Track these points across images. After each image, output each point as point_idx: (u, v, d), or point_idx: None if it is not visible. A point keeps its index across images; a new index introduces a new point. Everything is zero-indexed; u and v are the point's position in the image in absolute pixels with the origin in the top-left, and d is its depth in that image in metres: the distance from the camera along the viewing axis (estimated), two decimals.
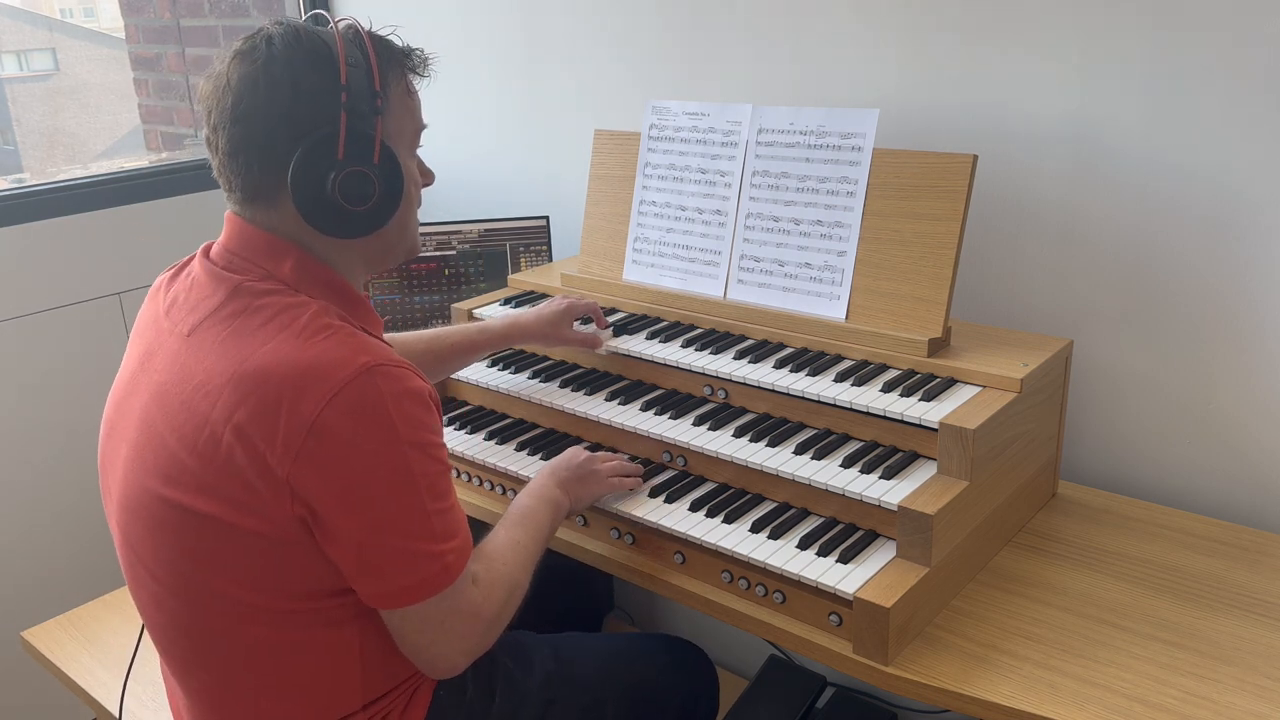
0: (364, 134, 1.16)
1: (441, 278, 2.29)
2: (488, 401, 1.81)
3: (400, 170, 1.20)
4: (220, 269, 1.19)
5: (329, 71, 1.14)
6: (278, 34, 1.16)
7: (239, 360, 1.09)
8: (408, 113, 1.25)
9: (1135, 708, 1.15)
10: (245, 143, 1.15)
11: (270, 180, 1.16)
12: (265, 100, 1.13)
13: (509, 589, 1.24)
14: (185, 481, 1.11)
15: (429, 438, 1.13)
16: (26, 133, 3.24)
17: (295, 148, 1.13)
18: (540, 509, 1.38)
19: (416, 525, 1.11)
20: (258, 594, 1.13)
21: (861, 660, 1.24)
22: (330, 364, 1.08)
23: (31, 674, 2.20)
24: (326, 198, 1.15)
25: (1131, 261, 1.60)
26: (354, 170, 1.15)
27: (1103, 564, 1.43)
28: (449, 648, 1.18)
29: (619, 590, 2.39)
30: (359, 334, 1.14)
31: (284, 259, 1.18)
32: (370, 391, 1.07)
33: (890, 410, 1.40)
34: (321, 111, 1.14)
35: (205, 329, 1.15)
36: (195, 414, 1.10)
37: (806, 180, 1.63)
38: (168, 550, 1.15)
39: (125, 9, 3.05)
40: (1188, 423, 1.61)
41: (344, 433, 1.06)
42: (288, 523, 1.09)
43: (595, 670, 1.45)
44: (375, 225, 1.20)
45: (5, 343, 2.22)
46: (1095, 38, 1.55)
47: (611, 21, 2.13)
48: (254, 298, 1.15)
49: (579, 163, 2.14)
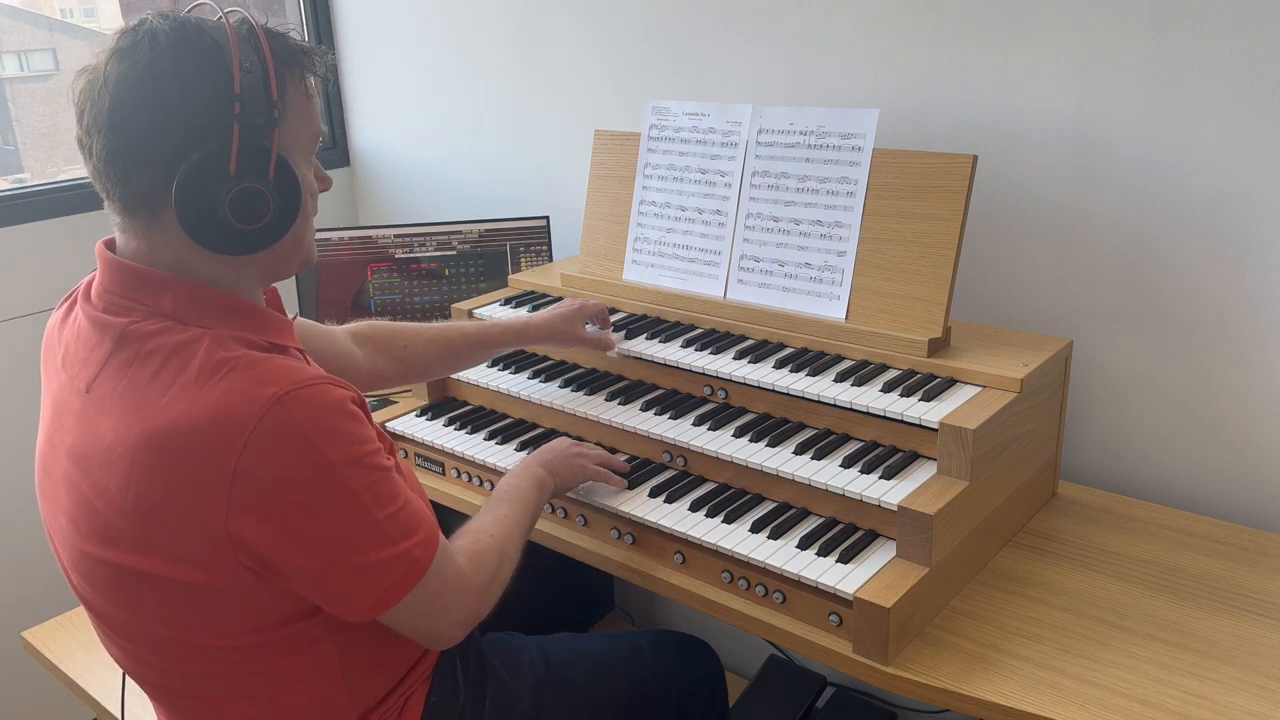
0: (258, 147, 1.07)
1: (441, 278, 2.29)
2: (488, 401, 1.81)
3: (297, 184, 1.11)
4: (101, 314, 1.11)
5: (220, 77, 1.04)
6: (163, 30, 1.05)
7: (143, 419, 1.03)
8: (305, 119, 1.14)
9: (1135, 708, 1.15)
10: (124, 151, 1.05)
11: (152, 192, 1.07)
12: (148, 107, 1.03)
13: (498, 557, 1.24)
14: (122, 543, 1.06)
15: (360, 450, 1.07)
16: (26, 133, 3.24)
17: (180, 160, 1.04)
18: (525, 486, 1.38)
19: (370, 538, 1.07)
20: (220, 638, 1.10)
21: (861, 660, 1.24)
22: (236, 406, 1.01)
23: (31, 674, 2.20)
24: (216, 216, 1.05)
25: (1131, 261, 1.60)
26: (247, 187, 1.06)
27: (1103, 564, 1.43)
28: (445, 623, 1.17)
29: (619, 590, 2.39)
30: (260, 360, 1.06)
31: (163, 293, 1.09)
32: (285, 424, 1.01)
33: (890, 410, 1.40)
34: (211, 122, 1.04)
35: (101, 384, 1.08)
36: (116, 476, 1.05)
37: (806, 180, 1.63)
38: (120, 610, 1.12)
39: (125, 9, 3.05)
40: (1188, 423, 1.61)
41: (270, 473, 1.01)
42: (234, 571, 1.05)
43: (587, 672, 1.44)
44: (269, 242, 1.11)
45: (6, 342, 2.22)
46: (1095, 38, 1.55)
47: (612, 22, 2.13)
48: (142, 342, 1.07)
49: (579, 163, 2.14)
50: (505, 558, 1.26)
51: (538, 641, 1.46)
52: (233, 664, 1.12)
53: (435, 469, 1.73)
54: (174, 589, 1.06)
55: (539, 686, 1.38)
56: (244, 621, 1.10)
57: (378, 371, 1.58)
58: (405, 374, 1.62)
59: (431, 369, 1.67)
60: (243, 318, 1.12)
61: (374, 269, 2.28)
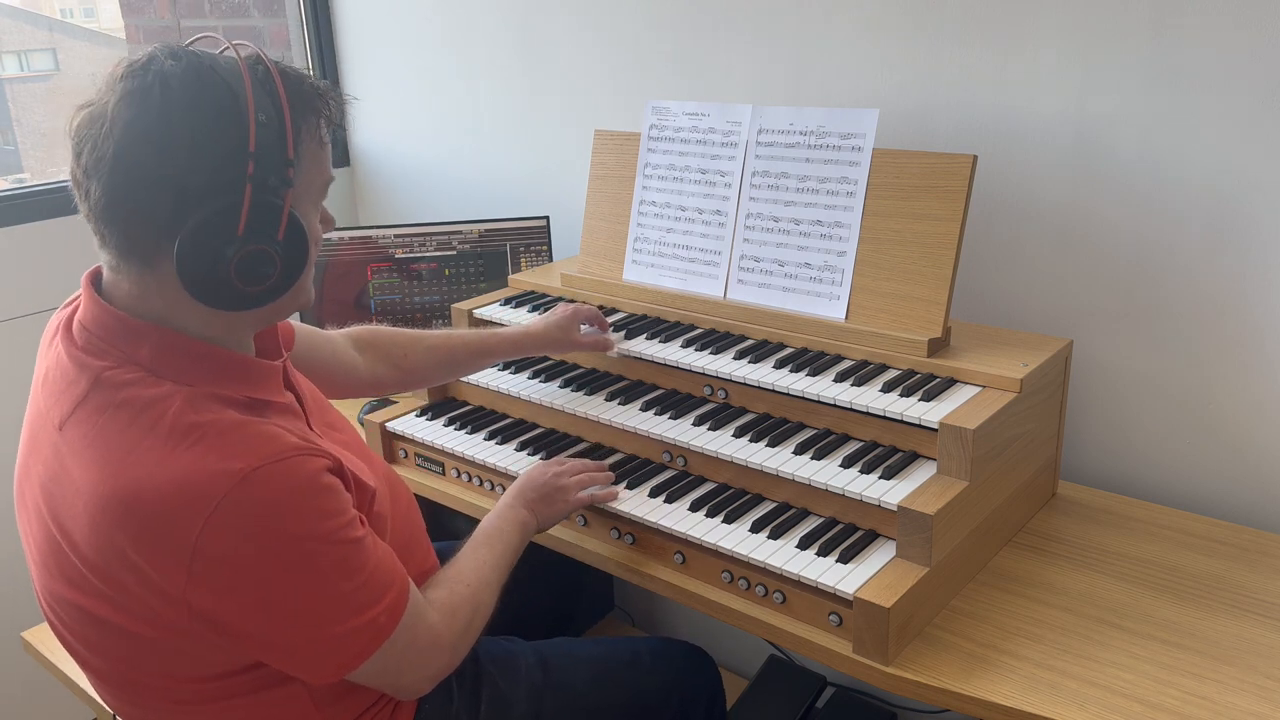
0: (270, 206, 1.03)
1: (441, 278, 2.29)
2: (488, 401, 1.81)
3: (306, 242, 1.08)
4: (80, 352, 1.07)
5: (236, 133, 1.00)
6: (175, 74, 0.99)
7: (109, 476, 1.00)
8: (318, 167, 1.11)
9: (1135, 708, 1.15)
10: (125, 199, 1.00)
11: (150, 243, 1.02)
12: (156, 157, 0.98)
13: (471, 609, 1.23)
14: (85, 586, 1.05)
15: (328, 525, 1.04)
16: (26, 133, 3.24)
17: (186, 217, 0.99)
18: (508, 530, 1.36)
19: (335, 611, 1.05)
20: (186, 682, 1.10)
21: (861, 660, 1.24)
22: (201, 480, 0.97)
23: (31, 674, 2.20)
24: (219, 276, 1.02)
25: (1131, 261, 1.60)
26: (254, 249, 1.02)
27: (1103, 564, 1.43)
28: (413, 678, 1.16)
29: (619, 590, 2.39)
30: (232, 429, 1.02)
31: (141, 343, 1.05)
32: (251, 503, 0.98)
33: (890, 410, 1.40)
34: (222, 180, 1.00)
35: (73, 425, 1.05)
36: (79, 523, 1.02)
37: (806, 180, 1.63)
38: (87, 647, 1.12)
39: (125, 9, 3.05)
40: (1188, 423, 1.61)
41: (230, 552, 0.98)
42: (191, 632, 1.03)
43: (584, 679, 1.43)
44: (271, 300, 1.08)
45: (5, 343, 2.22)
46: (1095, 38, 1.55)
47: (612, 21, 2.13)
48: (115, 390, 1.03)
49: (579, 163, 2.14)
50: (480, 607, 1.25)
51: (535, 647, 1.46)
52: (200, 704, 1.12)
53: (435, 469, 1.73)
54: (135, 638, 1.06)
55: (536, 692, 1.37)
56: (207, 669, 1.09)
57: (378, 378, 1.58)
58: (405, 381, 1.62)
59: (431, 377, 1.67)
60: (222, 373, 1.08)
61: (374, 269, 2.28)
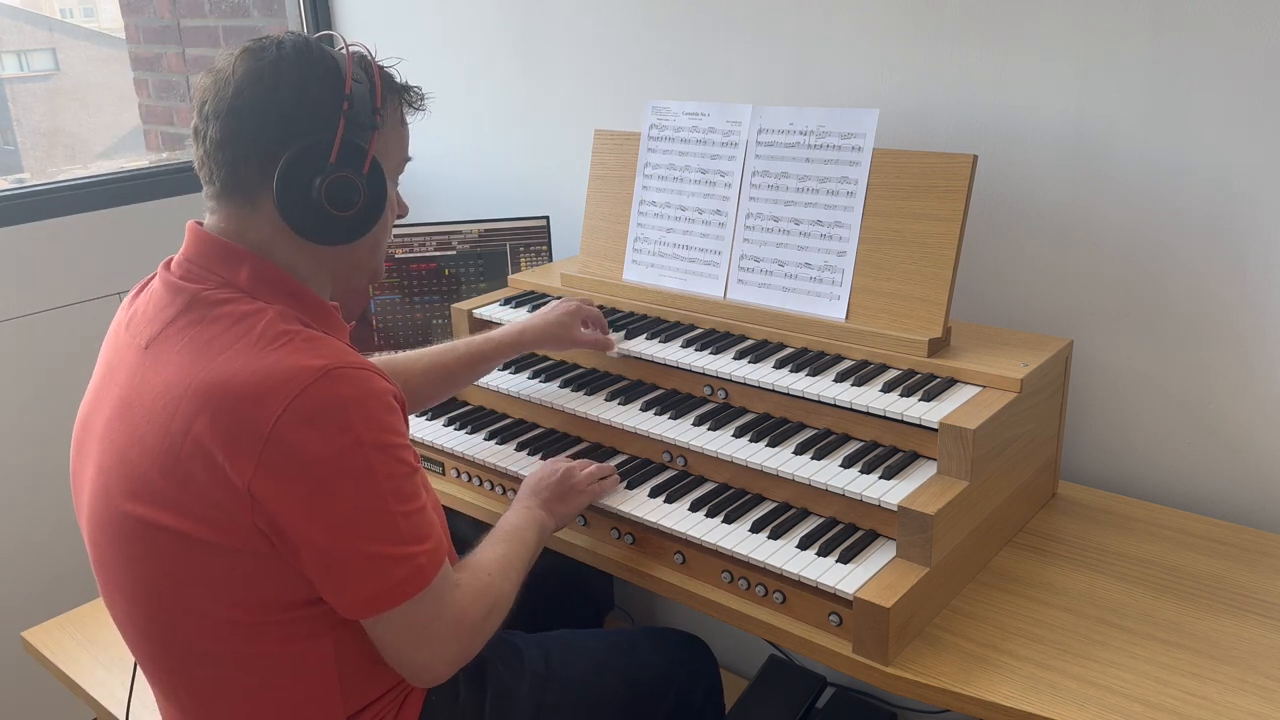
0: (358, 145, 1.18)
1: (441, 278, 2.29)
2: (488, 401, 1.81)
3: (385, 186, 1.21)
4: (178, 279, 1.18)
5: (334, 81, 1.16)
6: (289, 41, 1.18)
7: (195, 371, 1.09)
8: (398, 140, 1.27)
9: (1135, 708, 1.15)
10: (237, 135, 1.14)
11: (253, 177, 1.16)
12: (267, 97, 1.14)
13: (494, 599, 1.24)
14: (150, 496, 1.10)
15: (392, 439, 1.11)
16: (26, 133, 3.24)
17: (288, 146, 1.14)
18: (526, 528, 1.37)
19: (382, 529, 1.09)
20: (226, 608, 1.12)
21: (861, 660, 1.24)
22: (286, 371, 1.06)
23: (31, 674, 2.20)
24: (311, 199, 1.15)
25: (1131, 261, 1.60)
26: (343, 176, 1.16)
27: (1103, 564, 1.43)
28: (433, 654, 1.16)
29: (619, 590, 2.39)
30: (318, 338, 1.13)
31: (240, 266, 1.17)
32: (328, 396, 1.06)
33: (890, 410, 1.40)
34: (321, 117, 1.15)
35: (162, 340, 1.14)
36: (155, 426, 1.10)
37: (806, 180, 1.63)
38: (137, 567, 1.14)
39: (125, 9, 3.05)
40: (1188, 423, 1.61)
41: (303, 440, 1.05)
42: (250, 535, 1.08)
43: (587, 670, 1.44)
44: (351, 235, 1.20)
45: (5, 343, 2.22)
46: (1095, 38, 1.55)
47: (612, 21, 2.13)
48: (210, 307, 1.14)
49: (579, 163, 2.14)
50: (500, 599, 1.25)
51: (538, 639, 1.47)
52: (237, 639, 1.13)
53: (435, 469, 1.73)
54: (187, 546, 1.10)
55: (539, 683, 1.39)
56: (247, 593, 1.12)
57: None
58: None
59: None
60: (309, 307, 1.20)
61: None
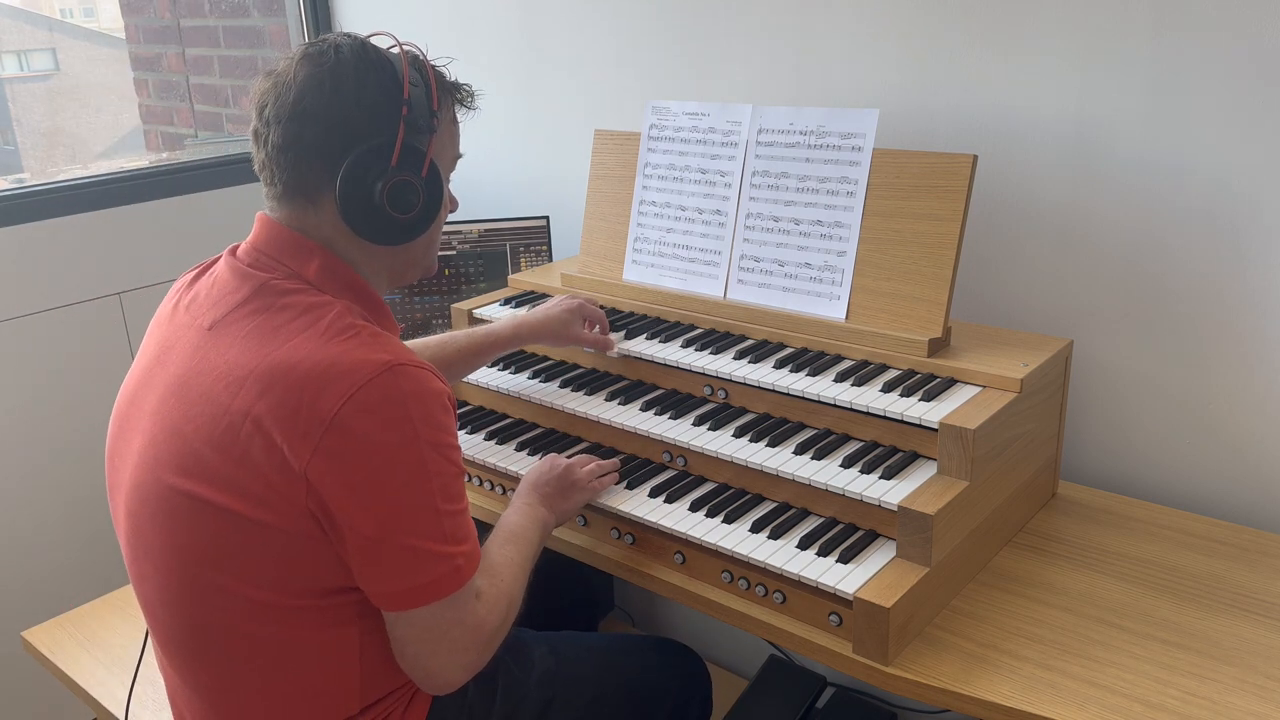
0: (417, 148, 1.21)
1: (441, 278, 2.29)
2: (488, 401, 1.81)
3: (442, 188, 1.26)
4: (246, 266, 1.21)
5: (392, 86, 1.19)
6: (346, 44, 1.20)
7: (263, 354, 1.11)
8: (452, 139, 1.31)
9: (1135, 708, 1.15)
10: (299, 139, 1.17)
11: (315, 179, 1.19)
12: (328, 102, 1.17)
13: (508, 604, 1.25)
14: (200, 472, 1.12)
15: (446, 439, 1.14)
16: (26, 133, 3.24)
17: (349, 150, 1.17)
18: (530, 528, 1.38)
19: (427, 524, 1.12)
20: (262, 589, 1.14)
21: (861, 660, 1.24)
22: (353, 362, 1.10)
23: (31, 674, 2.20)
24: (372, 202, 1.18)
25: (1131, 261, 1.60)
26: (403, 179, 1.19)
27: (1103, 564, 1.43)
28: (449, 660, 1.17)
29: (619, 590, 2.39)
30: (382, 334, 1.16)
31: (311, 259, 1.21)
32: (391, 390, 1.09)
33: (890, 410, 1.40)
34: (381, 120, 1.18)
35: (228, 323, 1.17)
36: (215, 405, 1.12)
37: (806, 180, 1.63)
38: (179, 540, 1.16)
39: (125, 9, 3.06)
40: (1188, 423, 1.61)
41: (363, 429, 1.08)
42: (299, 517, 1.10)
43: (593, 668, 1.46)
44: (410, 236, 1.24)
45: (5, 343, 2.22)
46: (1095, 38, 1.55)
47: (612, 22, 2.13)
48: (278, 296, 1.17)
49: (579, 163, 2.14)
50: (513, 604, 1.26)
51: (546, 637, 1.48)
52: (266, 622, 1.15)
53: None
54: (240, 526, 1.11)
55: (549, 679, 1.40)
56: (282, 575, 1.13)
57: None
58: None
59: None
60: (370, 304, 1.24)
61: None
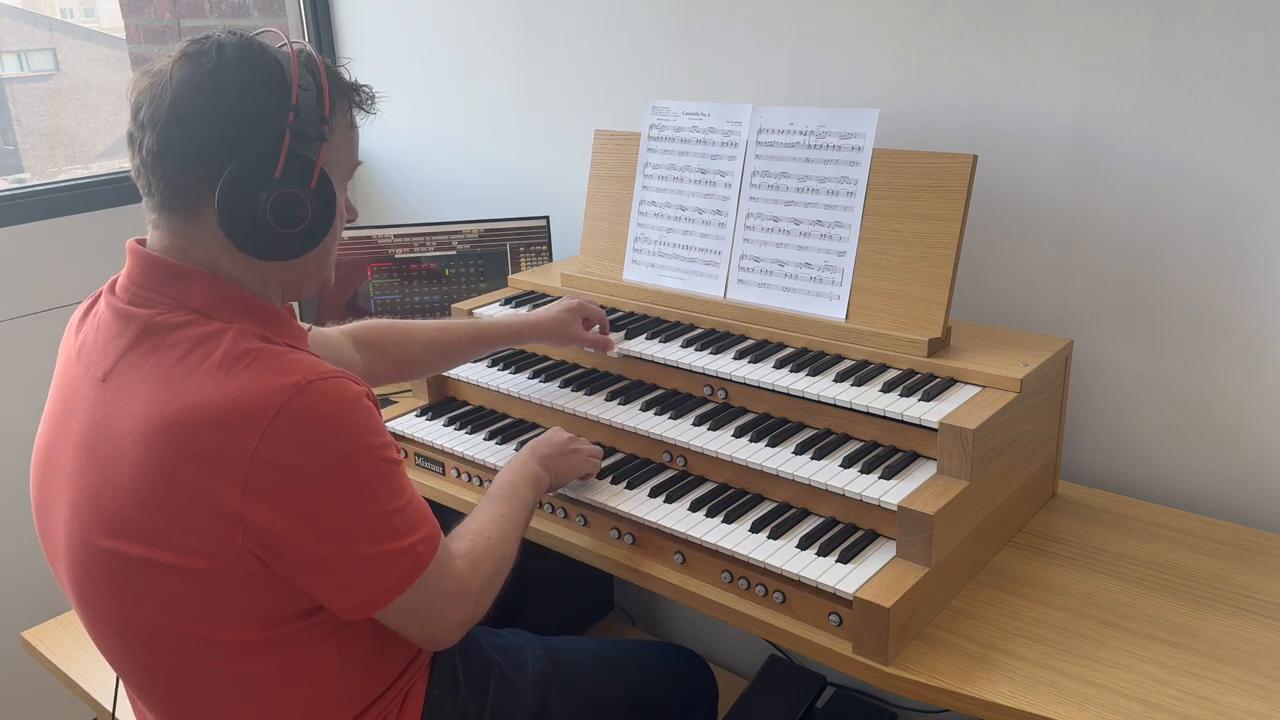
0: (305, 158, 1.12)
1: (441, 278, 2.29)
2: (488, 401, 1.81)
3: (334, 199, 1.16)
4: (126, 305, 1.13)
5: (279, 89, 1.11)
6: (230, 43, 1.11)
7: (164, 403, 1.05)
8: (347, 146, 1.22)
9: (1135, 708, 1.15)
10: (176, 146, 1.09)
11: (194, 191, 1.11)
12: (208, 106, 1.08)
13: (495, 560, 1.25)
14: (131, 533, 1.07)
15: (373, 440, 1.10)
16: (26, 133, 3.24)
17: (230, 160, 1.09)
18: (522, 484, 1.39)
19: (379, 530, 1.10)
20: (225, 629, 1.10)
21: (861, 660, 1.24)
22: (259, 392, 1.04)
23: (31, 674, 2.20)
24: (255, 216, 1.10)
25: (1131, 261, 1.60)
26: (288, 192, 1.11)
27: (1103, 564, 1.43)
28: (441, 625, 1.18)
29: (619, 590, 2.39)
30: (282, 352, 1.10)
31: (191, 286, 1.12)
32: (305, 412, 1.04)
33: (890, 410, 1.40)
34: (265, 127, 1.10)
35: (120, 373, 1.10)
36: (130, 464, 1.06)
37: (806, 180, 1.63)
38: (127, 603, 1.11)
39: (125, 9, 3.05)
40: (1188, 423, 1.61)
41: (286, 459, 1.03)
42: (239, 558, 1.06)
43: (590, 672, 1.45)
44: (298, 251, 1.16)
45: (5, 343, 2.22)
46: (1095, 38, 1.55)
47: (611, 21, 2.13)
48: (166, 333, 1.10)
49: (579, 163, 2.14)
50: (502, 560, 1.27)
51: (541, 640, 1.48)
52: (232, 660, 1.12)
53: (435, 469, 1.73)
54: (178, 577, 1.07)
55: (543, 682, 1.39)
56: (245, 615, 1.10)
57: (374, 374, 1.61)
58: (401, 375, 1.65)
59: (427, 369, 1.70)
60: (265, 320, 1.15)
61: (374, 269, 2.28)
